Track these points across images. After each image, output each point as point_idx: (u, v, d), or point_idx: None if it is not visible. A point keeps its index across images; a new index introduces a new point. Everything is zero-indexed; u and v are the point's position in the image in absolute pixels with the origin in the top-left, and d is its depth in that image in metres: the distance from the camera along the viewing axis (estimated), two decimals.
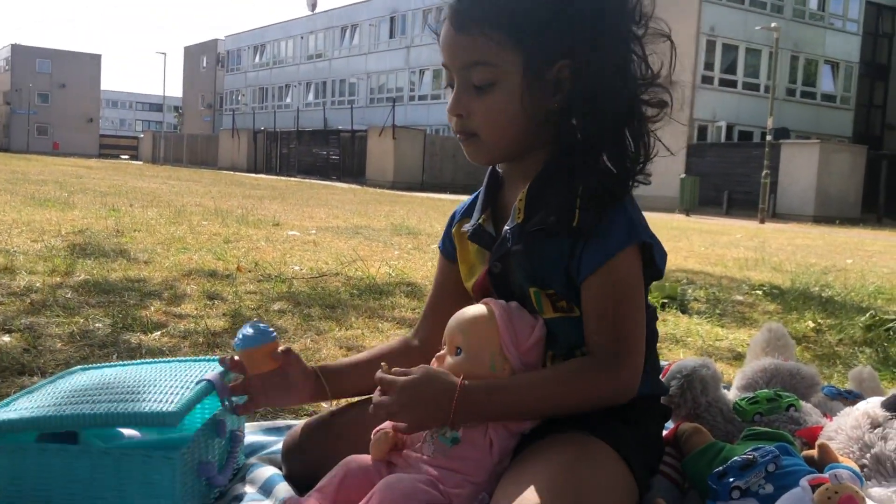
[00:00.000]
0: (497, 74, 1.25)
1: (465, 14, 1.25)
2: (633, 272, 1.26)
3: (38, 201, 9.08)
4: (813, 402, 1.84)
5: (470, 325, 1.33)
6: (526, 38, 1.23)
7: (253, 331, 1.38)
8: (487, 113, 1.28)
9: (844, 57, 30.25)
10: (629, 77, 1.27)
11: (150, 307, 3.38)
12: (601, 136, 1.26)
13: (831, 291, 5.26)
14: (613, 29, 1.23)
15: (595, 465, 1.23)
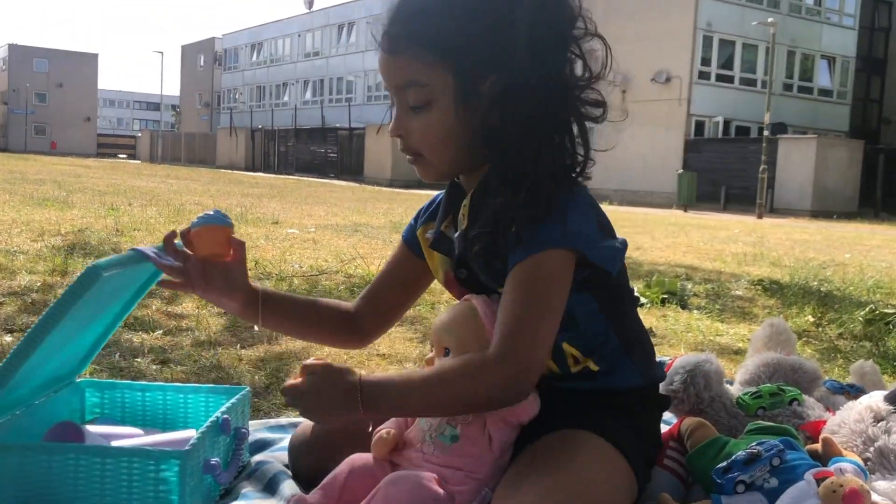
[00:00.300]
0: (430, 93, 1.26)
1: (394, 36, 1.26)
2: (553, 275, 1.21)
3: (36, 201, 9.07)
4: (815, 396, 1.84)
5: (454, 324, 1.33)
6: (453, 55, 1.23)
7: (213, 212, 1.39)
8: (425, 132, 1.29)
9: (841, 51, 30.24)
10: (562, 84, 1.26)
11: (151, 306, 3.38)
12: (532, 144, 1.24)
13: (830, 286, 5.27)
14: (543, 39, 1.22)
15: (593, 462, 1.24)
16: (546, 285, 1.21)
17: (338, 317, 1.53)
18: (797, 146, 23.78)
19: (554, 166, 1.26)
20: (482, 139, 1.27)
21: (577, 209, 1.25)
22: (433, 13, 1.24)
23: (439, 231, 1.43)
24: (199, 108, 59.90)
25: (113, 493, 1.29)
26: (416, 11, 1.25)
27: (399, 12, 1.27)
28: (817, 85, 29.92)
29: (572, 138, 1.29)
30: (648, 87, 27.12)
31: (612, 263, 1.28)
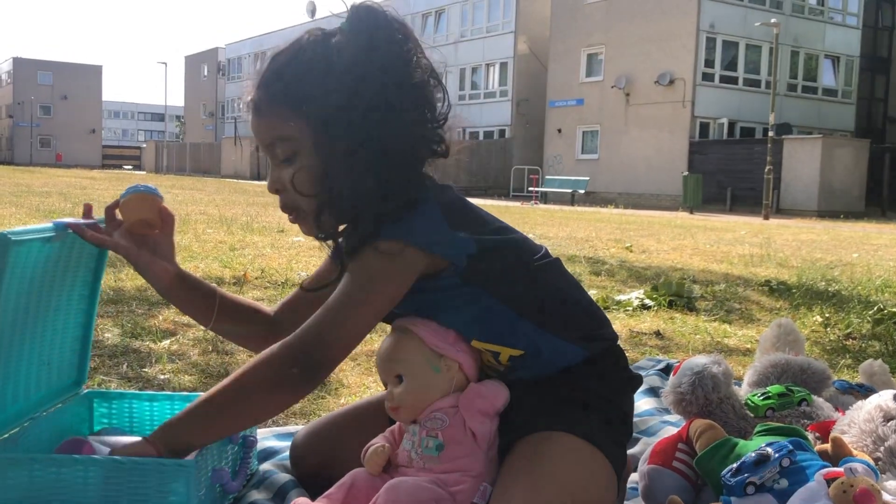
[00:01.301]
0: (294, 145, 1.33)
1: (259, 100, 1.35)
2: (371, 263, 1.26)
3: (42, 213, 9.10)
4: (824, 396, 1.83)
5: (394, 351, 1.36)
6: (303, 104, 1.30)
7: (140, 185, 1.46)
8: (295, 180, 1.34)
9: (845, 51, 30.19)
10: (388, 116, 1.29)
11: (159, 316, 3.39)
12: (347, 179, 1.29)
13: (838, 286, 5.25)
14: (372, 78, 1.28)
15: (572, 464, 1.26)
16: (365, 273, 1.27)
17: (259, 323, 1.58)
18: (802, 146, 23.75)
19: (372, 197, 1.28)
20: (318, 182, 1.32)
21: (418, 217, 1.29)
22: (287, 74, 1.32)
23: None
24: (204, 118, 60.10)
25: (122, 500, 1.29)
26: (274, 76, 1.33)
27: (261, 80, 1.35)
28: (822, 85, 29.87)
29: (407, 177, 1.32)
30: (652, 89, 27.12)
31: (456, 253, 1.30)
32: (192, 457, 1.31)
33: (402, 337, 1.36)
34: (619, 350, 1.47)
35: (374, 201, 1.27)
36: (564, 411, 1.32)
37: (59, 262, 1.45)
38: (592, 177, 27.28)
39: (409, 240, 1.26)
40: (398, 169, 1.30)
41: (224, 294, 1.58)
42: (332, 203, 1.31)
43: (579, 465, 1.27)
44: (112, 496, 1.29)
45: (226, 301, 1.56)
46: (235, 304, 1.59)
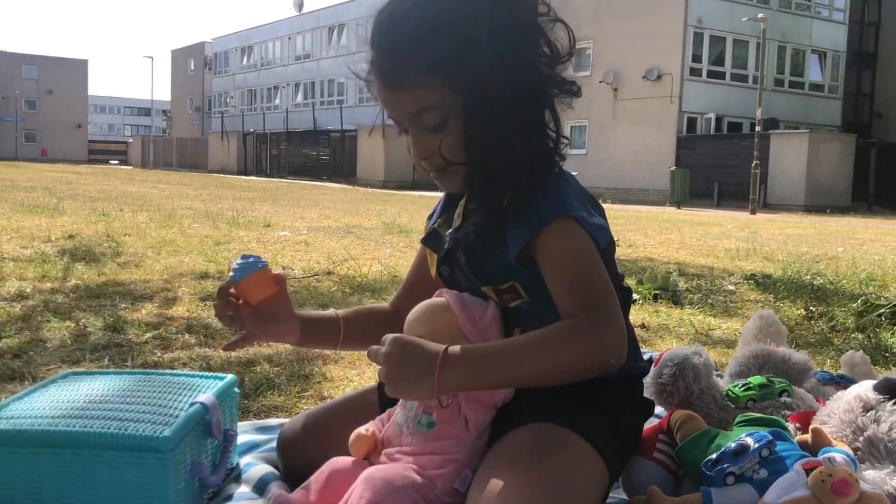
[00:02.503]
0: (444, 113, 1.28)
1: (390, 71, 1.28)
2: (580, 241, 1.26)
3: (27, 208, 9.04)
4: (805, 387, 1.84)
5: (426, 314, 1.36)
6: (451, 72, 1.25)
7: (245, 259, 1.38)
8: (451, 147, 1.31)
9: (831, 46, 30.30)
10: (534, 75, 1.28)
11: (142, 310, 3.37)
12: (507, 141, 1.27)
13: (823, 279, 5.28)
14: (507, 35, 1.25)
15: (568, 459, 1.24)
16: (585, 248, 1.25)
17: (383, 322, 1.55)
18: (789, 141, 23.84)
19: (530, 157, 1.28)
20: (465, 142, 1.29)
21: (560, 187, 1.30)
22: (420, 39, 1.25)
23: (432, 228, 1.49)
24: (191, 112, 59.78)
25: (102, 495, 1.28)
26: (404, 41, 1.26)
27: (384, 47, 1.28)
28: (808, 80, 29.98)
29: (546, 124, 1.32)
30: (640, 84, 27.16)
31: (601, 237, 1.30)
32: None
33: (439, 306, 1.36)
34: (642, 383, 1.49)
35: (530, 166, 1.26)
36: (571, 410, 1.31)
37: None
38: (580, 172, 27.25)
39: (567, 212, 1.25)
40: (542, 123, 1.29)
41: (345, 316, 1.54)
42: (488, 168, 1.28)
43: (573, 460, 1.24)
44: (90, 489, 1.29)
45: (349, 323, 1.53)
46: (356, 320, 1.55)
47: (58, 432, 1.29)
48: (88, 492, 1.29)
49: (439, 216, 1.50)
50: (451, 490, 1.27)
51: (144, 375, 1.59)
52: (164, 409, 1.37)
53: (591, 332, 1.20)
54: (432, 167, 1.35)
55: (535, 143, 1.30)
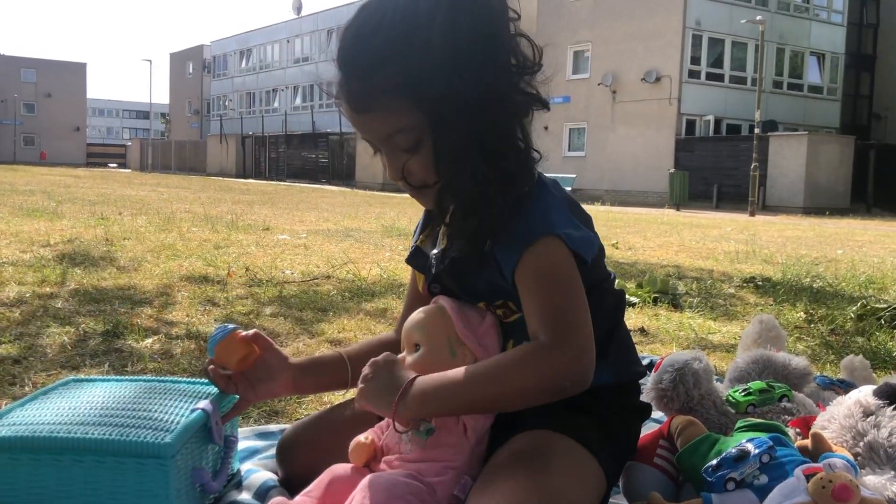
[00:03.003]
0: (417, 134, 1.26)
1: (358, 94, 1.25)
2: (556, 261, 1.25)
3: (25, 212, 9.03)
4: (805, 392, 1.84)
5: (423, 321, 1.38)
6: (420, 94, 1.22)
7: (215, 331, 1.45)
8: (426, 166, 1.29)
9: (830, 48, 30.36)
10: (498, 92, 1.25)
11: (142, 314, 3.37)
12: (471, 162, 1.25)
13: (822, 282, 5.28)
14: (475, 47, 1.22)
15: (563, 466, 1.24)
16: (560, 269, 1.25)
17: (387, 347, 1.52)
18: (788, 143, 23.87)
19: (499, 176, 1.26)
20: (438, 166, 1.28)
21: (543, 201, 1.29)
22: (385, 61, 1.22)
23: (415, 246, 1.49)
24: (189, 115, 59.81)
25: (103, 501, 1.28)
26: (371, 63, 1.23)
27: (351, 70, 1.25)
28: (807, 82, 30.03)
29: (516, 139, 1.29)
30: (638, 86, 27.19)
31: (588, 251, 1.29)
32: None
33: (436, 312, 1.37)
34: (639, 386, 1.50)
35: (502, 185, 1.25)
36: (568, 416, 1.31)
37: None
38: (579, 174, 27.32)
39: (553, 231, 1.25)
40: (512, 140, 1.27)
41: (350, 354, 1.52)
42: (459, 188, 1.27)
43: (571, 466, 1.25)
44: (91, 494, 1.29)
45: (355, 363, 1.49)
46: (365, 356, 1.50)
47: (59, 439, 1.29)
48: (90, 498, 1.29)
49: (421, 231, 1.49)
50: (451, 496, 1.27)
51: (145, 382, 1.59)
52: (165, 416, 1.37)
53: (548, 356, 1.21)
54: (408, 187, 1.33)
55: (503, 161, 1.26)
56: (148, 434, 1.30)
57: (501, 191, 1.26)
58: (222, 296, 3.90)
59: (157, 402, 1.43)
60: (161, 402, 1.43)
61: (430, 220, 1.48)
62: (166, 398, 1.46)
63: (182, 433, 1.32)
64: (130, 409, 1.39)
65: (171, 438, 1.29)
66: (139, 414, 1.37)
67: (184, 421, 1.35)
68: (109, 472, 1.29)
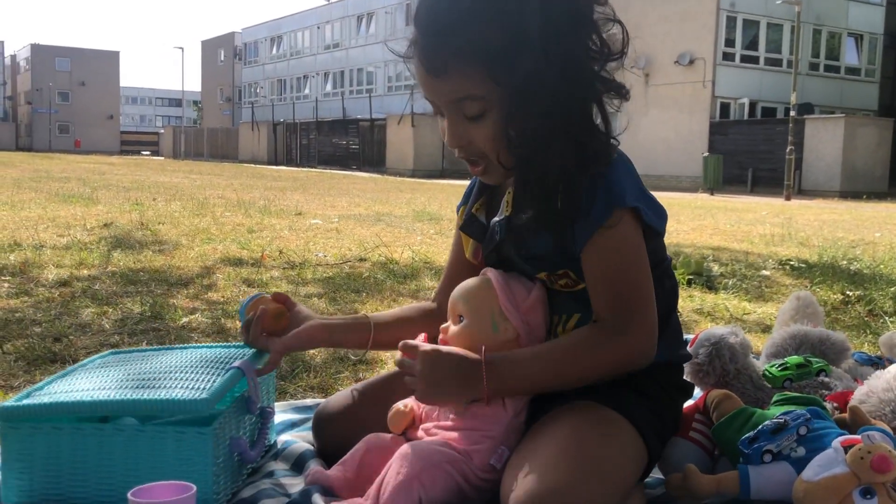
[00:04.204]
0: (486, 104, 1.25)
1: (434, 56, 1.23)
2: (627, 236, 1.26)
3: (62, 197, 9.18)
4: (843, 368, 1.82)
5: (469, 293, 1.38)
6: (496, 65, 1.21)
7: (244, 300, 1.53)
8: (488, 138, 1.29)
9: (868, 28, 29.72)
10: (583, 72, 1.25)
11: (179, 296, 3.41)
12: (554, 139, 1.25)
13: (860, 264, 5.20)
14: (560, 33, 1.22)
15: (608, 436, 1.25)
16: (629, 247, 1.27)
17: (427, 319, 1.56)
18: (825, 126, 23.46)
19: (572, 160, 1.26)
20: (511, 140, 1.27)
21: (620, 174, 1.29)
22: (468, 25, 1.20)
23: (469, 213, 1.48)
24: (221, 102, 60.24)
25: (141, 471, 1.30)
26: (450, 27, 1.21)
27: (429, 28, 1.24)
28: (844, 63, 29.45)
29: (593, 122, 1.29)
30: (672, 69, 26.86)
31: (660, 222, 1.32)
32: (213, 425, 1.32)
33: (483, 285, 1.38)
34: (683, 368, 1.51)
35: (582, 164, 1.25)
36: (615, 390, 1.32)
37: None
38: None
39: (627, 203, 1.26)
40: (592, 122, 1.28)
41: (377, 320, 1.53)
42: (533, 169, 1.27)
43: (613, 439, 1.25)
44: (132, 462, 1.31)
45: (380, 327, 1.51)
46: (389, 324, 1.54)
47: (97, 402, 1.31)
48: (131, 466, 1.31)
49: (475, 200, 1.48)
50: (487, 465, 1.28)
51: (181, 350, 1.61)
52: (203, 378, 1.38)
53: (617, 338, 1.24)
54: (466, 156, 1.33)
55: (576, 147, 1.26)
56: (186, 393, 1.31)
57: (579, 169, 1.26)
58: (258, 277, 3.93)
59: (194, 367, 1.45)
60: (198, 367, 1.45)
61: (485, 188, 1.47)
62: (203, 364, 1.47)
63: (219, 390, 1.33)
64: (169, 374, 1.41)
65: (209, 394, 1.30)
66: (177, 376, 1.39)
67: (220, 380, 1.37)
68: (149, 440, 1.31)
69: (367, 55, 41.13)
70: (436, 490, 1.24)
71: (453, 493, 1.26)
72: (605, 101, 1.29)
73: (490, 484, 1.28)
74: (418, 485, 1.22)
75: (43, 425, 1.34)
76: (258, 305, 1.49)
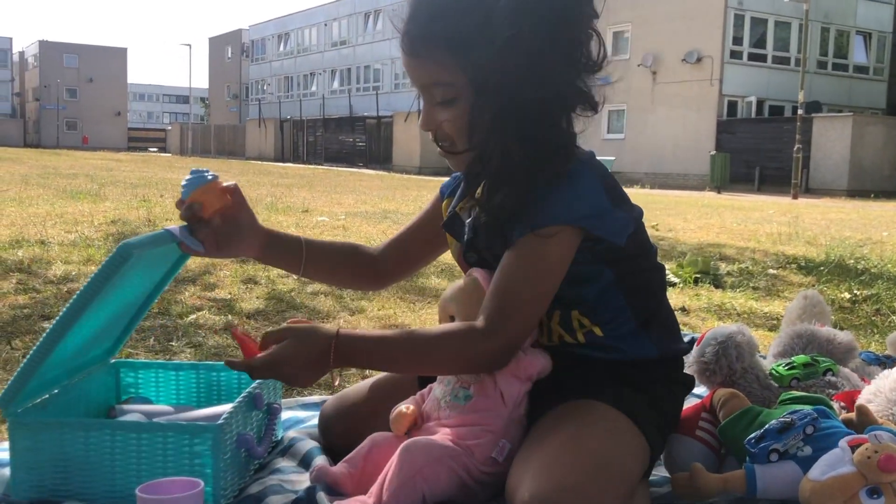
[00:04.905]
0: (455, 91, 1.28)
1: (412, 39, 1.28)
2: (548, 254, 1.26)
3: (70, 194, 9.20)
4: (850, 367, 1.82)
5: (458, 293, 1.40)
6: (468, 55, 1.24)
7: (192, 173, 1.40)
8: (454, 123, 1.31)
9: (877, 27, 29.58)
10: (554, 74, 1.26)
11: (185, 292, 3.42)
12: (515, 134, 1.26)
13: (867, 263, 5.18)
14: (539, 28, 1.23)
15: (611, 432, 1.25)
16: (544, 265, 1.26)
17: (361, 258, 1.58)
18: (832, 125, 23.38)
19: (528, 158, 1.27)
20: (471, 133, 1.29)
21: (579, 182, 1.28)
22: (448, 15, 1.25)
23: (453, 212, 1.48)
24: (228, 99, 60.30)
25: (149, 467, 1.31)
26: (432, 13, 1.26)
27: (416, 12, 1.28)
28: (852, 62, 29.33)
29: (557, 126, 1.30)
30: (679, 67, 26.79)
31: (620, 235, 1.30)
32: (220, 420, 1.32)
33: (470, 285, 1.39)
34: (683, 361, 1.51)
35: (531, 165, 1.26)
36: (614, 387, 1.32)
37: (147, 258, 1.42)
38: (618, 157, 27.03)
39: (572, 221, 1.25)
40: (552, 127, 1.29)
41: (312, 243, 1.52)
42: (486, 160, 1.29)
43: (616, 436, 1.25)
44: (138, 459, 1.32)
45: (314, 249, 1.51)
46: (325, 250, 1.55)
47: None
48: (139, 461, 1.32)
49: (458, 200, 1.49)
50: (489, 459, 1.29)
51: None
52: None
53: (478, 341, 1.25)
54: (436, 140, 1.37)
55: (537, 144, 1.27)
56: None
57: (530, 171, 1.26)
58: (263, 274, 3.94)
59: None
60: None
61: (469, 188, 1.48)
62: None
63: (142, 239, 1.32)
64: None
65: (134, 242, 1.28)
66: None
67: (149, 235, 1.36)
68: (157, 436, 1.32)
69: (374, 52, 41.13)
70: (439, 485, 1.25)
71: (456, 487, 1.27)
72: (578, 110, 1.31)
73: (492, 478, 1.29)
74: (421, 480, 1.24)
75: (52, 422, 1.35)
76: (206, 191, 1.38)
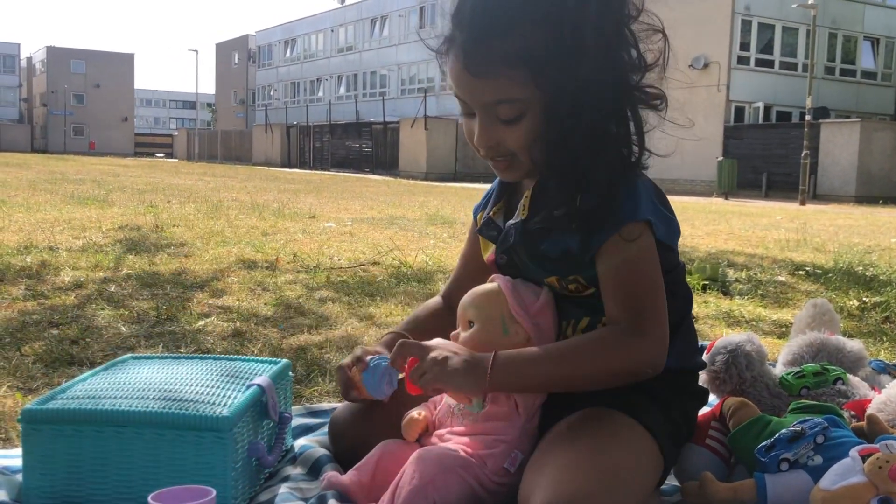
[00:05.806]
0: (522, 107, 1.25)
1: (477, 57, 1.22)
2: (644, 246, 1.27)
3: (77, 199, 9.23)
4: (860, 376, 1.81)
5: (478, 298, 1.40)
6: (539, 70, 1.21)
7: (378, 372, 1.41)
8: (519, 139, 1.28)
9: (885, 32, 29.53)
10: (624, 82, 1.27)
11: (194, 299, 3.43)
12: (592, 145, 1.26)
13: (876, 270, 5.17)
14: (607, 40, 1.23)
15: (626, 442, 1.25)
16: (644, 256, 1.27)
17: (441, 319, 1.58)
18: (840, 130, 23.33)
19: (613, 163, 1.27)
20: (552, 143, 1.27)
21: (635, 187, 1.30)
22: (516, 28, 1.20)
23: (488, 217, 1.48)
24: (235, 105, 60.47)
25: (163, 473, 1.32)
26: (499, 28, 1.21)
27: (474, 26, 1.22)
28: (860, 67, 29.28)
29: (629, 131, 1.31)
30: (686, 73, 26.78)
31: (673, 238, 1.33)
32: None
33: (491, 290, 1.39)
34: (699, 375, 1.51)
35: (613, 172, 1.26)
36: (629, 396, 1.32)
37: None
38: None
39: (644, 218, 1.27)
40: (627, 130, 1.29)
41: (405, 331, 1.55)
42: (560, 171, 1.27)
43: (631, 446, 1.25)
44: (152, 465, 1.32)
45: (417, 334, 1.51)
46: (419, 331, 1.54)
47: (120, 412, 1.33)
48: (150, 469, 1.32)
49: (494, 203, 1.49)
50: (501, 469, 1.29)
51: (201, 360, 1.63)
52: (223, 391, 1.40)
53: (632, 342, 1.24)
54: (493, 155, 1.33)
55: (612, 154, 1.27)
56: (206, 408, 1.33)
57: (605, 180, 1.26)
58: (272, 281, 3.95)
59: (215, 378, 1.47)
60: (218, 378, 1.47)
61: (503, 193, 1.48)
62: (223, 375, 1.49)
63: (239, 408, 1.35)
64: (188, 385, 1.43)
65: (229, 412, 1.32)
66: (197, 389, 1.41)
67: (241, 396, 1.39)
68: (169, 444, 1.32)
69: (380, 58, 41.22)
70: (450, 495, 1.25)
71: (468, 497, 1.27)
72: (638, 111, 1.31)
73: (504, 488, 1.29)
74: (433, 489, 1.23)
75: (65, 428, 1.35)
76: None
